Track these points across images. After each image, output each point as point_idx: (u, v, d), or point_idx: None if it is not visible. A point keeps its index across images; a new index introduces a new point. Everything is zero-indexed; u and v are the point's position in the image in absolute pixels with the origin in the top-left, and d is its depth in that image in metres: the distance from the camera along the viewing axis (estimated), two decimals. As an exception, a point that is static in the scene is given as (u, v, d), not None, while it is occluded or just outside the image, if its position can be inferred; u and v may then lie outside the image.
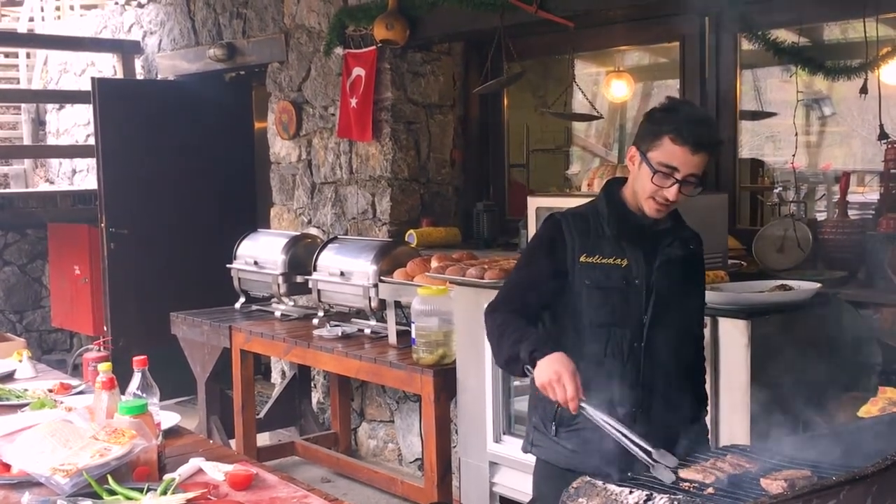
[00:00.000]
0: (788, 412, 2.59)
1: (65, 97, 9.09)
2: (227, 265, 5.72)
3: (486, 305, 2.58)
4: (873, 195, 4.26)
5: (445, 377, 4.10)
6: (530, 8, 4.60)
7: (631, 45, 5.57)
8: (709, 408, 2.86)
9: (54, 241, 7.93)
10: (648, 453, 2.14)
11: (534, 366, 2.33)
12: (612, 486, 1.96)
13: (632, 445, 2.19)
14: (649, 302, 2.50)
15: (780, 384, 2.81)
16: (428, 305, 4.12)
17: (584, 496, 1.96)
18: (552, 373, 2.28)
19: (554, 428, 2.58)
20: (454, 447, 4.46)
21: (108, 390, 2.45)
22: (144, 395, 2.49)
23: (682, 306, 2.60)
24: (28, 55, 10.32)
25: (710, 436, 2.93)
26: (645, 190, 2.48)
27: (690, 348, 2.66)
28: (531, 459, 2.82)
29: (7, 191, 9.47)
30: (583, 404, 2.28)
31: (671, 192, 2.44)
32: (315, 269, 5.05)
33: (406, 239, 5.29)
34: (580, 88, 5.05)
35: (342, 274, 4.85)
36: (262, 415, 5.83)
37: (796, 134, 4.01)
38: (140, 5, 7.79)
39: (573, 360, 2.34)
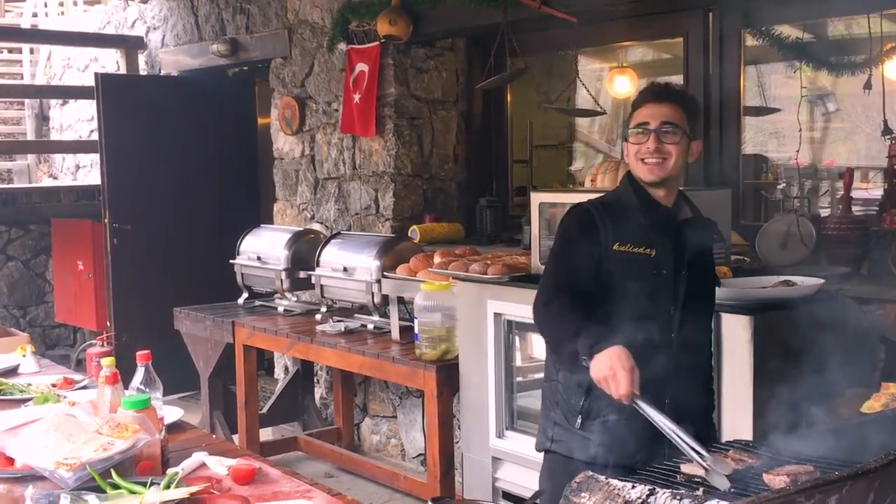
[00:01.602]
0: (791, 408, 2.59)
1: (68, 93, 9.11)
2: (231, 261, 5.73)
3: (535, 303, 2.54)
4: (877, 191, 4.25)
5: (448, 373, 4.09)
6: (534, 3, 4.60)
7: (634, 41, 5.56)
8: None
9: (58, 237, 7.94)
10: (702, 457, 2.11)
11: (591, 359, 2.31)
12: (614, 481, 1.96)
13: (685, 446, 2.16)
14: (678, 292, 2.52)
15: (782, 380, 2.81)
16: (431, 301, 4.12)
17: (587, 491, 1.96)
18: (608, 368, 2.27)
19: (580, 421, 2.56)
20: (457, 443, 4.46)
21: (112, 385, 2.45)
22: (148, 389, 2.49)
23: (705, 296, 2.64)
24: (31, 51, 10.33)
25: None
26: (631, 155, 2.55)
27: (710, 337, 2.68)
28: (534, 455, 2.82)
29: (10, 186, 9.49)
30: (637, 400, 2.26)
31: (650, 143, 2.50)
32: (318, 265, 5.05)
33: (409, 235, 5.29)
34: (583, 84, 5.04)
35: (345, 269, 4.85)
36: (265, 410, 5.84)
37: (800, 130, 4.00)
38: (143, 1, 7.79)
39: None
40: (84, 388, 3.27)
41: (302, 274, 5.25)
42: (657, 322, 2.51)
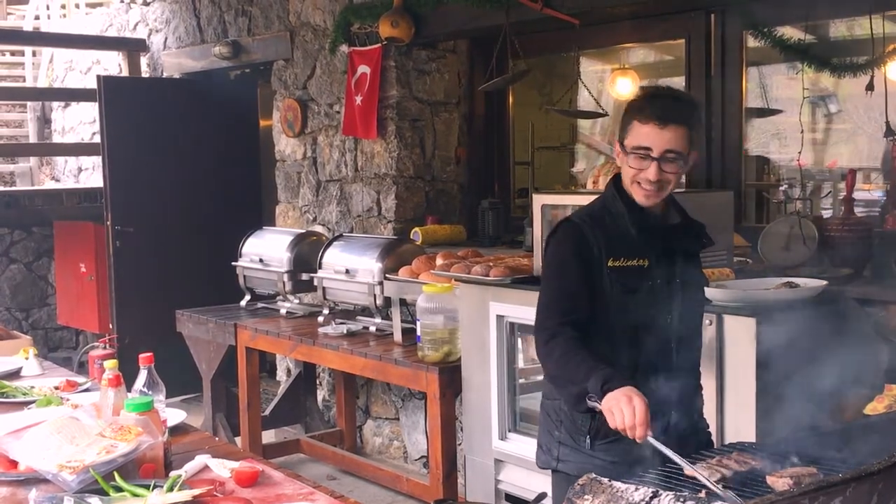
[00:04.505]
0: (794, 409, 2.59)
1: (70, 95, 9.11)
2: (233, 263, 5.73)
3: (536, 336, 2.43)
4: (879, 192, 4.25)
5: (450, 375, 4.10)
6: (536, 5, 4.60)
7: (636, 43, 5.56)
8: (713, 404, 2.85)
9: (60, 239, 7.94)
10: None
11: (602, 397, 2.20)
12: (617, 483, 1.96)
13: (705, 481, 2.04)
14: (673, 300, 2.47)
15: (785, 381, 2.80)
16: (433, 303, 4.12)
17: (590, 493, 1.96)
18: (623, 396, 2.15)
19: (589, 441, 2.48)
20: (459, 445, 4.46)
21: (115, 387, 2.45)
22: (150, 392, 2.49)
23: (698, 299, 2.61)
24: (34, 53, 10.34)
25: (716, 433, 2.93)
26: (628, 176, 2.43)
27: (700, 342, 2.66)
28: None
29: (13, 189, 9.49)
30: (650, 437, 2.14)
31: (650, 173, 2.37)
32: (320, 267, 5.06)
33: (411, 237, 5.29)
34: (585, 86, 5.04)
35: (347, 271, 4.85)
36: (267, 412, 5.84)
37: (802, 131, 4.00)
38: (146, 3, 7.80)
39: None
40: (87, 390, 3.27)
41: (304, 276, 5.25)
42: (658, 333, 2.45)
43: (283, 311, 5.45)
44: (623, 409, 2.14)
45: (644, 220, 2.47)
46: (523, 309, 3.57)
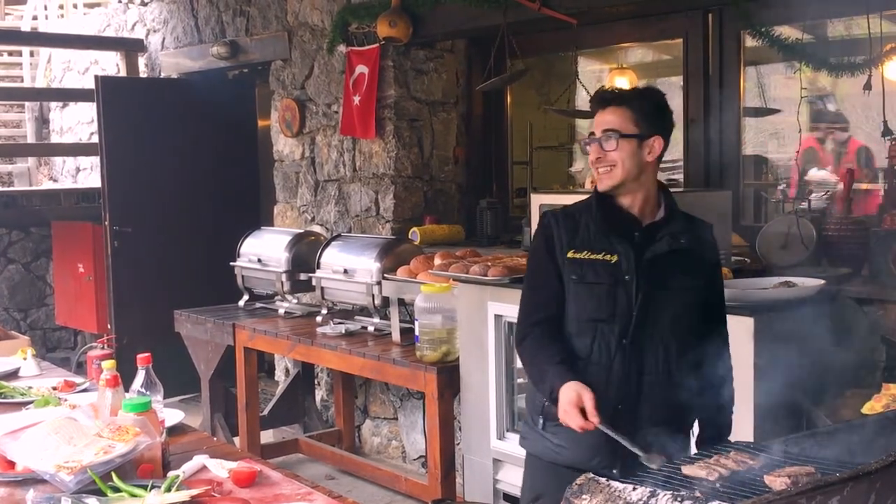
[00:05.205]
0: (792, 409, 2.59)
1: (68, 95, 9.10)
2: (231, 263, 5.73)
3: (514, 335, 2.65)
4: (877, 192, 4.25)
5: (449, 374, 4.10)
6: (533, 5, 4.60)
7: (634, 42, 5.56)
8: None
9: (58, 239, 7.94)
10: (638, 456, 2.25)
11: (554, 404, 2.43)
12: (615, 483, 1.96)
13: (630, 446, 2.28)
14: (639, 296, 2.48)
15: (783, 381, 2.81)
16: (431, 303, 4.12)
17: (588, 493, 1.96)
18: (566, 402, 2.36)
19: (541, 421, 2.60)
20: (458, 444, 4.46)
21: (112, 388, 2.45)
22: (148, 392, 2.49)
23: (678, 301, 2.51)
24: (32, 53, 10.33)
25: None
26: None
27: (691, 344, 2.56)
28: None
29: (11, 189, 9.48)
30: (600, 425, 2.33)
31: (592, 153, 2.52)
32: (318, 267, 5.06)
33: (409, 236, 5.29)
34: (583, 85, 5.04)
35: (346, 271, 4.85)
36: (265, 412, 5.84)
37: (800, 131, 4.00)
38: (143, 3, 7.80)
39: (571, 357, 2.46)
40: (85, 391, 3.27)
41: (302, 276, 5.25)
42: (615, 328, 2.48)
43: (281, 311, 5.45)
44: (568, 411, 2.35)
45: (615, 217, 2.53)
46: (521, 309, 3.57)
